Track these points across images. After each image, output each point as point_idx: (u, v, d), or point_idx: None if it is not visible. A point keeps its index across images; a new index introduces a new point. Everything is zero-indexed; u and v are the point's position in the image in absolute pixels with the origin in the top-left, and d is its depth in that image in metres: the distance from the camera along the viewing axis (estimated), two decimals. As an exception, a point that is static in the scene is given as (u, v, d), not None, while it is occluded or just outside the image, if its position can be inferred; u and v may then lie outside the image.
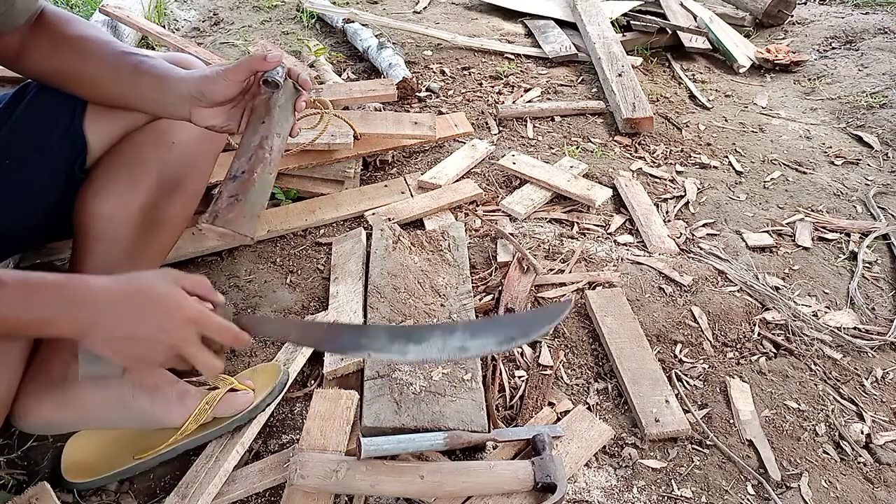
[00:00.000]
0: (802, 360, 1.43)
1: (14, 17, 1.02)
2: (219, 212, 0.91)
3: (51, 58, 1.07)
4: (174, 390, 1.12)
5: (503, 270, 1.60)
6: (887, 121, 2.31)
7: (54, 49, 1.07)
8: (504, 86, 2.51)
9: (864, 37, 2.92)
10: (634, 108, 2.25)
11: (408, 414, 1.21)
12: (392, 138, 1.98)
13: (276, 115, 1.00)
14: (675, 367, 1.39)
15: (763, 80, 2.70)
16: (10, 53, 1.07)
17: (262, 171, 0.95)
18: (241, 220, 0.92)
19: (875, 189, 1.99)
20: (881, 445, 1.26)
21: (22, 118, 1.09)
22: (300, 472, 1.09)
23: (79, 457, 1.15)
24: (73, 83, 1.08)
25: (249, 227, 0.93)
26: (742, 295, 1.57)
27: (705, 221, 1.85)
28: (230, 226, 0.91)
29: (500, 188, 1.93)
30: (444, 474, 1.11)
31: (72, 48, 1.07)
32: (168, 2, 3.08)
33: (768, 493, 1.16)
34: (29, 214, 1.12)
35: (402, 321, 1.41)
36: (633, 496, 1.16)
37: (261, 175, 0.95)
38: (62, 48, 1.07)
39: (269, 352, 1.41)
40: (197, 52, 2.38)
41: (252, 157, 0.96)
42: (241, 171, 0.94)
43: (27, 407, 1.05)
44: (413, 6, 3.21)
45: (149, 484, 1.16)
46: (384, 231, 1.64)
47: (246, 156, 0.96)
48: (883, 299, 1.61)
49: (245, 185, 0.93)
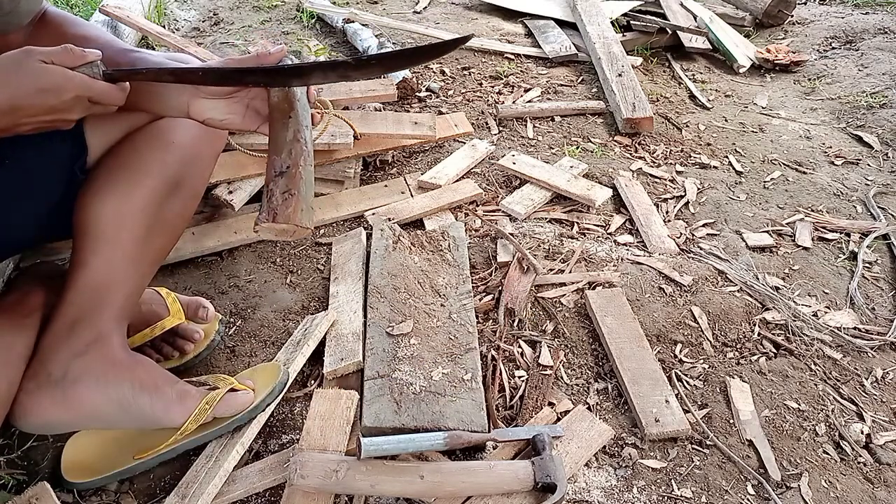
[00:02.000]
0: (802, 360, 1.43)
1: (19, 17, 1.03)
2: (277, 209, 0.92)
3: None
4: (174, 390, 1.12)
5: (503, 270, 1.60)
6: (887, 121, 2.31)
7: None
8: (504, 86, 2.51)
9: (864, 37, 2.92)
10: (634, 108, 2.25)
11: (408, 414, 1.21)
12: (392, 138, 1.98)
13: (299, 108, 1.01)
14: (675, 367, 1.39)
15: (763, 80, 2.70)
16: None
17: (305, 162, 0.96)
18: (299, 213, 0.92)
19: (875, 189, 1.99)
20: (881, 445, 1.26)
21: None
22: (300, 472, 1.09)
23: (79, 457, 1.16)
24: None
25: (309, 218, 0.94)
26: (742, 295, 1.57)
27: (705, 221, 1.85)
28: (292, 220, 0.92)
29: (500, 188, 1.93)
30: (444, 474, 1.11)
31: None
32: (168, 2, 3.08)
33: (768, 493, 1.16)
34: (29, 215, 1.12)
35: (402, 321, 1.41)
36: (633, 496, 1.16)
37: (305, 167, 0.96)
38: None
39: (270, 352, 1.41)
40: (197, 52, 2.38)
41: (292, 150, 0.96)
42: (285, 166, 0.95)
43: (27, 406, 1.05)
44: (413, 6, 3.21)
45: (149, 484, 1.16)
46: (384, 231, 1.64)
47: (285, 151, 0.96)
48: (883, 299, 1.61)
49: (294, 178, 0.94)
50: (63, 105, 0.91)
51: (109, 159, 1.15)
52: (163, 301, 1.31)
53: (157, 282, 1.42)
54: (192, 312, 1.36)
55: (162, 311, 1.31)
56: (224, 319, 1.45)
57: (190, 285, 1.58)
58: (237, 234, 1.68)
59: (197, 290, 1.55)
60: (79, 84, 0.91)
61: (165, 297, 1.32)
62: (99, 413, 1.08)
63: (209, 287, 1.58)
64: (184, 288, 1.56)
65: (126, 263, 1.11)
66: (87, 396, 1.07)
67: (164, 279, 1.57)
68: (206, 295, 1.52)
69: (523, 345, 1.44)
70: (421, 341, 1.37)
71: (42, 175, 1.10)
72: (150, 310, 1.30)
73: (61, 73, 0.90)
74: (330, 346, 1.38)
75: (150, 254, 1.16)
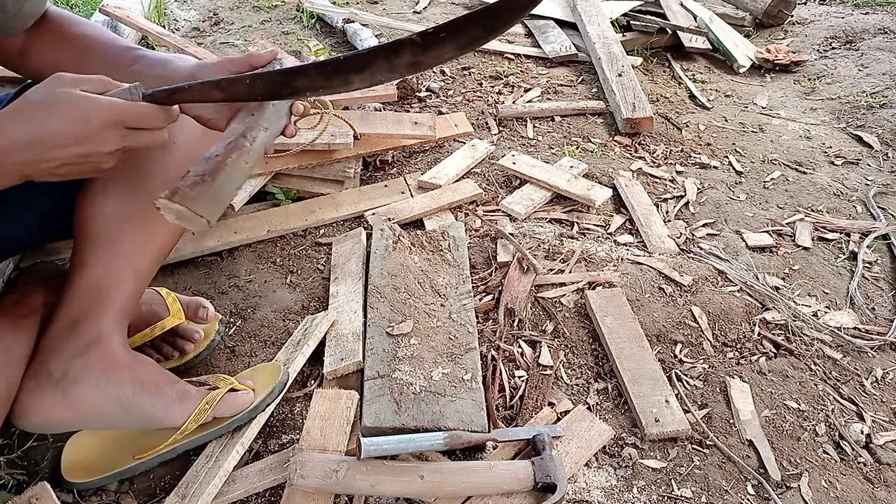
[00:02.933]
0: (802, 360, 1.43)
1: (22, 20, 1.03)
2: (180, 188, 0.84)
3: (52, 56, 1.07)
4: (174, 390, 1.12)
5: (503, 270, 1.60)
6: (887, 121, 2.31)
7: (55, 47, 1.07)
8: (504, 86, 2.51)
9: (864, 37, 2.92)
10: (634, 108, 2.25)
11: (408, 414, 1.21)
12: (392, 138, 1.98)
13: (268, 111, 0.96)
14: (675, 367, 1.39)
15: (763, 80, 2.70)
16: (13, 55, 1.08)
17: (238, 157, 0.89)
18: (201, 200, 0.84)
19: (875, 189, 1.99)
20: (881, 445, 1.26)
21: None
22: (300, 472, 1.09)
23: (79, 457, 1.15)
24: None
25: (210, 210, 0.84)
26: (742, 295, 1.57)
27: (705, 221, 1.85)
28: (188, 203, 0.82)
29: (500, 188, 1.93)
30: (444, 474, 1.11)
31: (73, 46, 1.08)
32: (168, 2, 3.08)
33: (768, 493, 1.16)
34: (29, 215, 1.12)
35: (402, 321, 1.41)
36: (633, 496, 1.16)
37: (235, 161, 0.88)
38: (63, 46, 1.08)
39: (270, 352, 1.41)
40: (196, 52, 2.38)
41: (231, 143, 0.90)
42: (215, 154, 0.88)
43: (27, 406, 1.05)
44: (413, 6, 3.21)
45: (149, 484, 1.16)
46: (384, 231, 1.64)
47: (225, 140, 0.91)
48: (883, 299, 1.61)
49: (216, 167, 0.86)
50: (91, 133, 0.82)
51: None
52: (163, 301, 1.31)
53: (157, 282, 1.42)
54: (192, 312, 1.36)
55: (162, 311, 1.31)
56: (224, 319, 1.45)
57: (190, 285, 1.58)
58: (237, 234, 1.68)
59: (197, 290, 1.55)
60: (107, 107, 0.82)
61: (165, 297, 1.32)
62: (99, 413, 1.08)
63: (209, 287, 1.58)
64: (184, 288, 1.56)
65: (126, 264, 1.11)
66: (87, 396, 1.06)
67: (164, 279, 1.57)
68: (206, 295, 1.53)
69: (523, 345, 1.44)
70: (421, 341, 1.37)
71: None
72: (150, 310, 1.30)
73: (87, 98, 0.82)
74: (330, 346, 1.38)
75: (150, 254, 1.16)
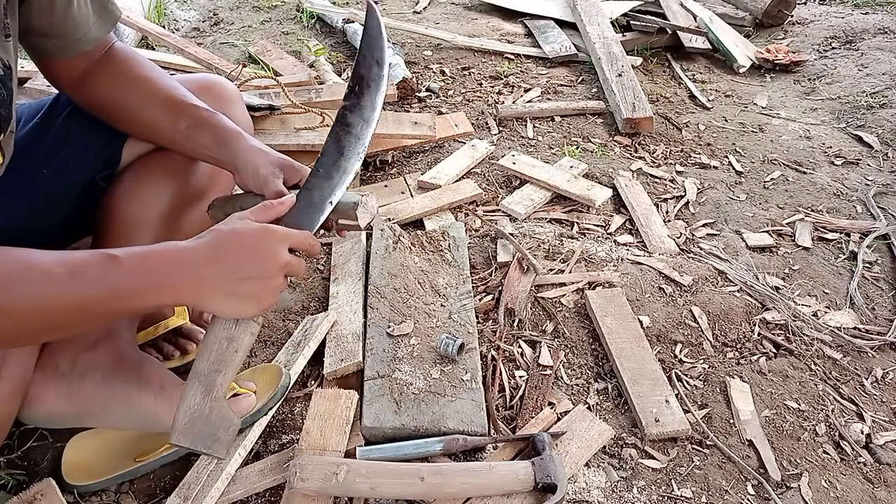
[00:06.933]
0: (802, 360, 1.43)
1: (86, 43, 1.04)
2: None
3: (111, 93, 1.08)
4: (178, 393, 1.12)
5: (503, 270, 1.60)
6: (887, 121, 2.31)
7: (117, 86, 1.08)
8: (504, 86, 2.51)
9: (864, 37, 2.92)
10: (634, 108, 2.25)
11: (407, 414, 1.22)
12: (392, 138, 1.98)
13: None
14: (675, 367, 1.39)
15: (763, 80, 2.70)
16: (70, 79, 1.08)
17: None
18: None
19: (875, 189, 1.99)
20: (881, 445, 1.26)
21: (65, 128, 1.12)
22: (300, 475, 1.09)
23: (79, 458, 1.15)
24: (127, 122, 1.11)
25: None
26: (742, 295, 1.57)
27: (705, 221, 1.85)
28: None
29: (500, 188, 1.93)
30: (444, 475, 1.11)
31: (135, 88, 1.09)
32: (168, 2, 3.08)
33: (768, 493, 1.16)
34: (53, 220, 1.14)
35: (402, 321, 1.41)
36: (633, 496, 1.16)
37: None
38: (125, 87, 1.08)
39: (270, 352, 1.41)
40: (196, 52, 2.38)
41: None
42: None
43: (32, 396, 1.05)
44: (413, 6, 3.21)
45: (149, 484, 1.16)
46: (384, 231, 1.64)
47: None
48: (883, 299, 1.61)
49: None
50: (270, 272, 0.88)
51: (138, 165, 1.17)
52: None
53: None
54: (197, 314, 1.36)
55: (166, 310, 1.31)
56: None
57: (190, 286, 1.57)
58: (237, 234, 1.68)
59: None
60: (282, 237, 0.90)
61: None
62: (102, 409, 1.08)
63: (209, 287, 1.57)
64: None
65: None
66: (92, 391, 1.07)
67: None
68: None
69: (523, 345, 1.44)
70: (421, 341, 1.37)
71: (72, 185, 1.13)
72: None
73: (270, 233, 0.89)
74: (330, 346, 1.38)
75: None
